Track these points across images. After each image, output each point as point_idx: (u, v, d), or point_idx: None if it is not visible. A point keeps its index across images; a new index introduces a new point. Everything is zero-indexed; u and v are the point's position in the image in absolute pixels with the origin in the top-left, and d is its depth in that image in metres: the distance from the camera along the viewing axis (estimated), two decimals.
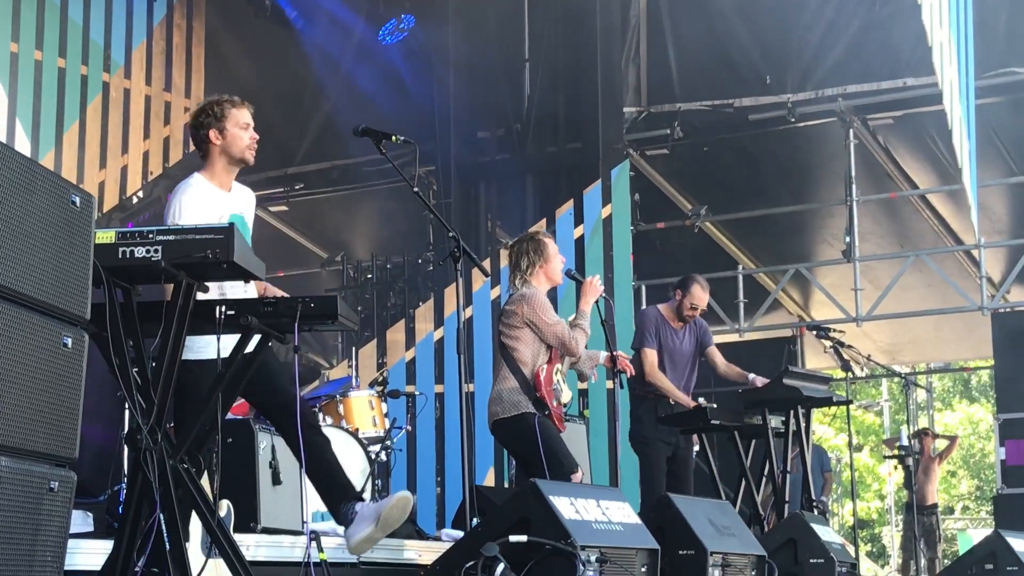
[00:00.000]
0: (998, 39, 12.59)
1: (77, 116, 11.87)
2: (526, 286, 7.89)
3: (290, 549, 6.11)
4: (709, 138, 14.00)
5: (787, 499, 9.25)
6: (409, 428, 11.03)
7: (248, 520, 6.91)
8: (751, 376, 9.54)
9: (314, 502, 5.93)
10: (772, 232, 15.55)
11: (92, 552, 5.34)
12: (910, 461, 13.52)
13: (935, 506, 15.05)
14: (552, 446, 7.60)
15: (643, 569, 5.84)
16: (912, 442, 14.54)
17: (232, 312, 4.90)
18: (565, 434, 9.87)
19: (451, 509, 11.46)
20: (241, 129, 5.92)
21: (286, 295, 5.48)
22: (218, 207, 5.85)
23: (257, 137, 5.97)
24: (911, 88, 12.75)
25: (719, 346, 10.13)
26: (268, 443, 7.40)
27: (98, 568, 4.90)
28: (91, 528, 6.98)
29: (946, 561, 15.11)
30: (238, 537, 5.37)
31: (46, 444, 3.75)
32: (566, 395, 8.08)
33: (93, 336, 4.18)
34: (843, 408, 9.90)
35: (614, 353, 8.17)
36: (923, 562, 14.34)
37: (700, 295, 9.57)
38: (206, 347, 5.26)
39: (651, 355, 9.43)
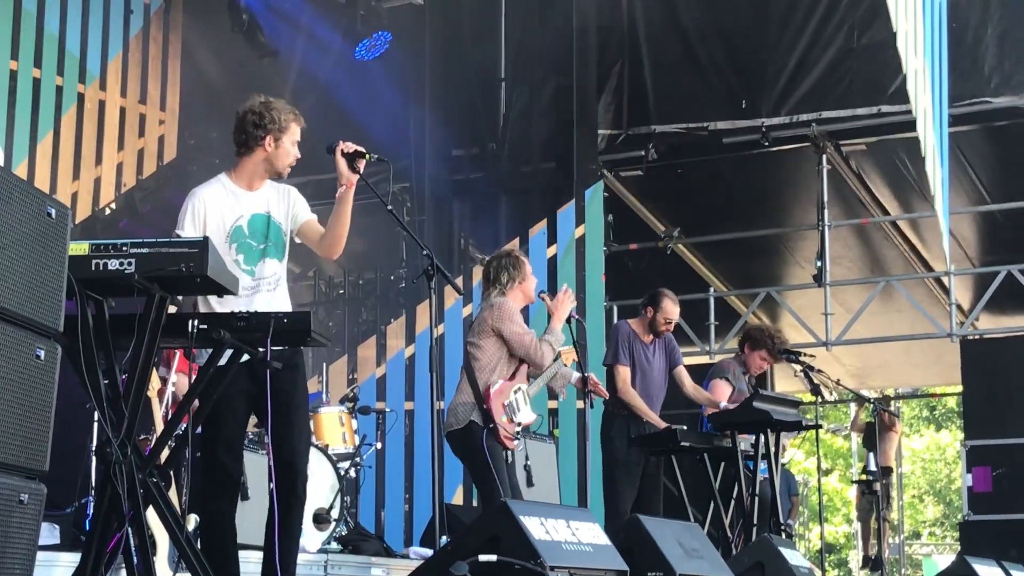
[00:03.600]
0: (971, 69, 12.67)
1: (51, 127, 11.83)
2: (500, 297, 7.93)
3: (256, 565, 6.09)
4: (683, 160, 14.04)
5: (755, 522, 9.26)
6: (379, 445, 11.01)
7: None
8: (723, 404, 9.58)
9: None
10: (744, 255, 15.59)
11: (59, 565, 5.32)
12: (878, 487, 13.55)
13: (890, 469, 15.07)
14: (496, 466, 7.63)
15: None
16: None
17: (204, 326, 4.90)
18: (534, 453, 9.94)
19: (419, 527, 11.45)
20: (293, 146, 5.93)
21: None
22: (235, 209, 5.86)
23: (299, 156, 5.95)
24: (885, 115, 12.82)
25: (689, 367, 10.17)
26: None
27: None
28: (57, 540, 6.96)
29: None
30: None
31: (16, 456, 3.73)
32: (527, 416, 8.05)
33: (65, 348, 4.17)
34: (812, 432, 9.94)
35: (585, 375, 8.19)
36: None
37: (672, 308, 9.63)
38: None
39: (624, 372, 9.45)
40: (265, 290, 5.86)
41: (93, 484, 7.09)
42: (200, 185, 5.95)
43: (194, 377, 5.16)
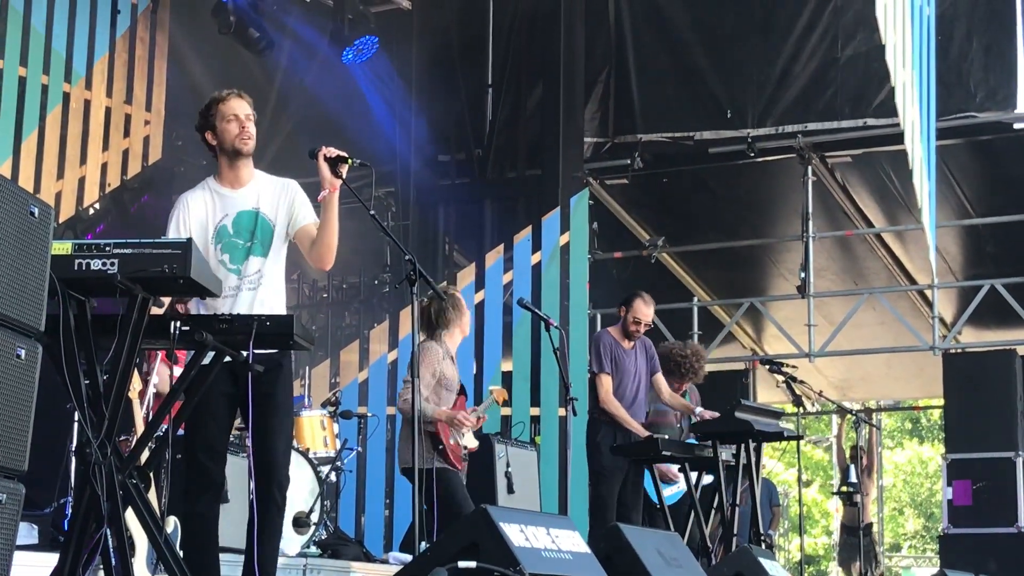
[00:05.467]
0: (957, 83, 12.70)
1: (36, 125, 11.76)
2: (434, 339, 8.23)
3: (235, 568, 6.08)
4: (668, 169, 14.06)
5: (735, 532, 9.27)
6: (360, 449, 10.99)
7: None
8: (698, 409, 9.59)
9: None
10: (728, 265, 15.61)
11: (37, 565, 5.30)
12: (858, 498, 13.56)
13: (871, 525, 15.11)
14: (448, 506, 7.82)
15: None
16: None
17: (187, 328, 4.89)
18: (515, 460, 9.97)
19: (399, 532, 11.42)
20: (228, 122, 5.89)
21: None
22: (219, 209, 5.87)
23: (247, 126, 5.91)
24: (871, 127, 12.85)
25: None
26: None
27: None
28: (35, 540, 6.93)
29: None
30: None
31: None
32: (471, 441, 8.44)
33: (46, 348, 4.15)
34: (793, 442, 9.96)
35: (568, 384, 8.24)
36: None
37: (642, 309, 9.65)
38: None
39: (606, 381, 9.48)
40: (247, 288, 5.84)
41: (72, 484, 7.07)
42: (187, 191, 5.97)
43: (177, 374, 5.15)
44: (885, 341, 14.85)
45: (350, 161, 5.96)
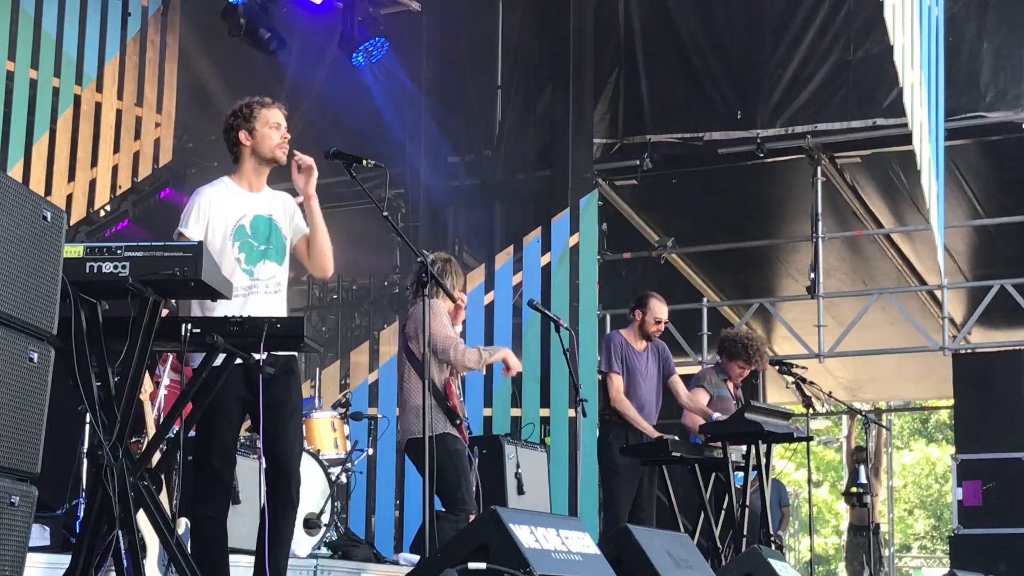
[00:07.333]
0: (967, 83, 12.69)
1: (47, 128, 11.80)
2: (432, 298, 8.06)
3: (246, 569, 6.09)
4: (678, 170, 14.06)
5: (745, 533, 9.27)
6: (370, 451, 11.01)
7: None
8: (715, 414, 9.59)
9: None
10: (738, 266, 15.61)
11: (49, 567, 5.32)
12: (867, 499, 13.56)
13: (878, 526, 15.14)
14: (459, 477, 7.76)
15: None
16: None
17: (198, 330, 4.90)
18: (525, 461, 9.97)
19: (410, 533, 11.44)
20: (271, 128, 5.92)
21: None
22: (238, 208, 5.89)
23: (288, 137, 5.96)
24: (880, 128, 12.84)
25: (682, 377, 10.18)
26: None
27: None
28: (47, 542, 6.95)
29: None
30: None
31: (8, 458, 3.73)
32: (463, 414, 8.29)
33: (58, 350, 4.17)
34: (803, 443, 9.96)
35: (577, 385, 8.23)
36: None
37: (660, 307, 9.65)
38: None
39: (617, 380, 9.48)
40: (262, 292, 5.85)
41: (84, 486, 7.09)
42: (205, 185, 5.98)
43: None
44: (895, 342, 14.84)
45: (364, 161, 5.98)
